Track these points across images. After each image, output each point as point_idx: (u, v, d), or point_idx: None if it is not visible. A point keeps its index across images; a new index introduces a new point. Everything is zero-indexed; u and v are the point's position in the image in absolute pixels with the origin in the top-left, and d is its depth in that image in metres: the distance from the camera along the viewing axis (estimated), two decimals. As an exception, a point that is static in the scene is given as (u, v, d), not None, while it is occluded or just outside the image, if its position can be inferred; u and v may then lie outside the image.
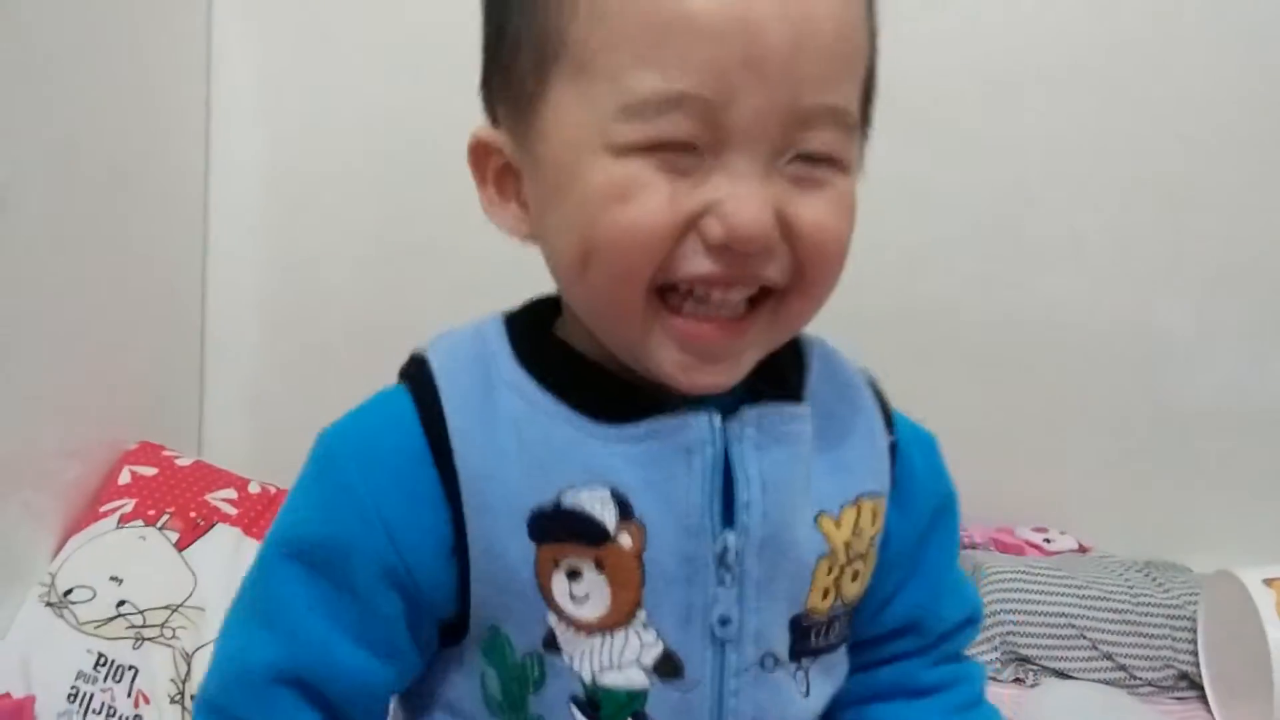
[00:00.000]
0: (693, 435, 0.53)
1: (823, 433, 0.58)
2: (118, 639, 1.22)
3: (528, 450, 0.53)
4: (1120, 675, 1.33)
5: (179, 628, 1.25)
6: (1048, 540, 1.65)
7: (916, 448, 0.63)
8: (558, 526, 0.53)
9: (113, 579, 1.28)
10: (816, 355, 0.62)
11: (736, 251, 0.49)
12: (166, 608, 1.27)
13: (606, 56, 0.49)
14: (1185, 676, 1.34)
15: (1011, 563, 1.47)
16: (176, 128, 1.58)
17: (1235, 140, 1.59)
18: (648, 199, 0.49)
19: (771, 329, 0.54)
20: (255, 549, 1.37)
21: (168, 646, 1.23)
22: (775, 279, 0.52)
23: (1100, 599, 1.38)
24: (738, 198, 0.49)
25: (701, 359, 0.52)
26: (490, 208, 0.57)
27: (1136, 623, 1.36)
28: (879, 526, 0.60)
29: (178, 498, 1.41)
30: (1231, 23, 1.57)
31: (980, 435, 1.67)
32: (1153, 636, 1.35)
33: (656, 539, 0.53)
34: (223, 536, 1.39)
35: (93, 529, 1.34)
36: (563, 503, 0.53)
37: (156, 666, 1.20)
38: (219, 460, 1.58)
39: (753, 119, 0.48)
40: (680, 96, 0.48)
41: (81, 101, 1.30)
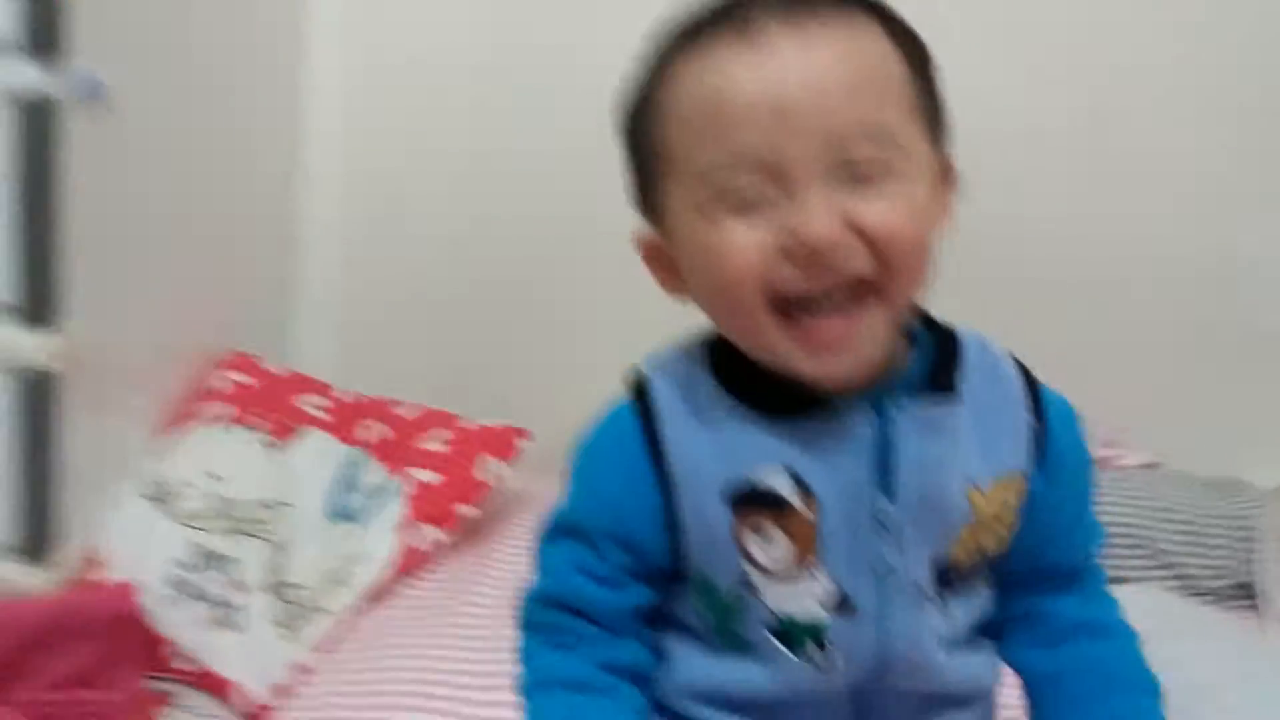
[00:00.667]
0: (853, 426, 0.67)
1: (976, 417, 0.70)
2: (216, 532, 1.30)
3: (724, 443, 0.68)
4: (1179, 584, 1.35)
5: (273, 522, 1.33)
6: (1118, 455, 1.65)
7: (1061, 426, 0.73)
8: (747, 498, 0.68)
9: (211, 476, 1.36)
10: (972, 349, 0.72)
11: (818, 257, 0.61)
12: (261, 504, 1.35)
13: (685, 150, 0.65)
14: (1243, 586, 1.35)
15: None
16: (269, 43, 1.63)
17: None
18: (736, 234, 0.63)
19: (880, 317, 0.64)
20: (343, 451, 1.46)
21: (261, 540, 1.31)
22: (863, 270, 0.62)
23: (1166, 510, 1.39)
24: (805, 211, 0.61)
25: (824, 353, 0.64)
26: (666, 287, 0.72)
27: (1198, 534, 1.37)
28: (1021, 498, 0.71)
29: (270, 402, 1.49)
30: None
31: (1059, 351, 1.66)
32: (1215, 547, 1.36)
33: (826, 505, 0.67)
34: (313, 439, 1.46)
35: (191, 429, 1.42)
36: (751, 478, 0.67)
37: (251, 557, 1.28)
38: (306, 369, 1.66)
39: (801, 159, 0.61)
40: (737, 157, 0.62)
41: (183, 12, 1.35)
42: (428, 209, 1.77)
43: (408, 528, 1.38)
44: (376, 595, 1.32)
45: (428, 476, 1.44)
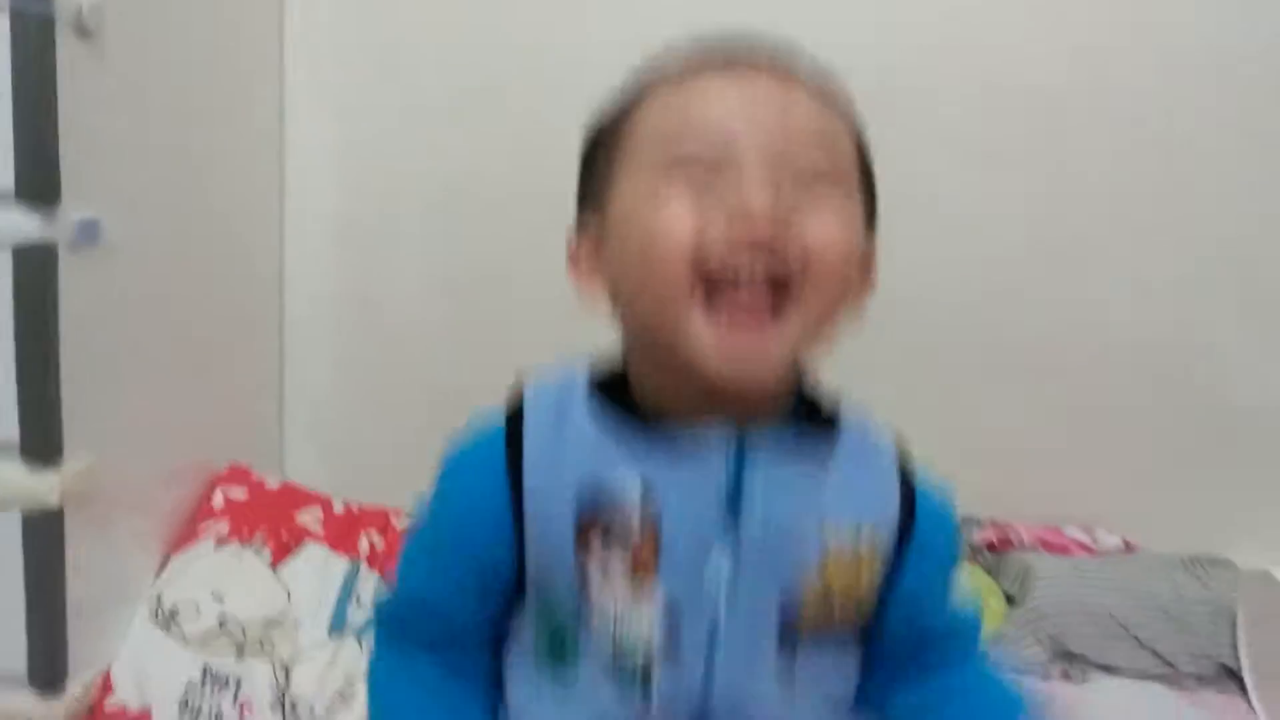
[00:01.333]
0: (711, 447, 0.68)
1: (841, 481, 0.71)
2: (221, 652, 1.32)
3: (584, 453, 0.69)
4: (1165, 670, 1.39)
5: (276, 640, 1.35)
6: (1094, 540, 1.70)
7: (929, 519, 0.75)
8: (593, 500, 0.68)
9: (214, 596, 1.38)
10: (853, 425, 0.74)
11: (751, 230, 0.62)
12: (264, 621, 1.37)
13: (648, 134, 0.68)
14: (1226, 669, 1.40)
15: (1059, 564, 1.53)
16: (251, 170, 1.68)
17: (1270, 144, 1.64)
18: (676, 205, 0.64)
19: (792, 329, 0.64)
20: (342, 564, 1.47)
21: (267, 659, 1.33)
22: (788, 269, 0.63)
23: (1146, 596, 1.44)
24: (749, 188, 0.63)
25: (735, 343, 0.64)
26: (581, 285, 0.73)
27: (1179, 618, 1.42)
28: (877, 576, 0.72)
29: (269, 518, 1.52)
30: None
31: (1027, 439, 1.74)
32: (1195, 632, 1.41)
33: (671, 526, 0.68)
34: (312, 553, 1.49)
35: (192, 550, 1.45)
36: (603, 478, 0.68)
37: (258, 677, 1.30)
38: (300, 479, 1.68)
39: (755, 141, 0.64)
40: (697, 133, 0.65)
41: (164, 139, 1.38)
42: (411, 325, 1.79)
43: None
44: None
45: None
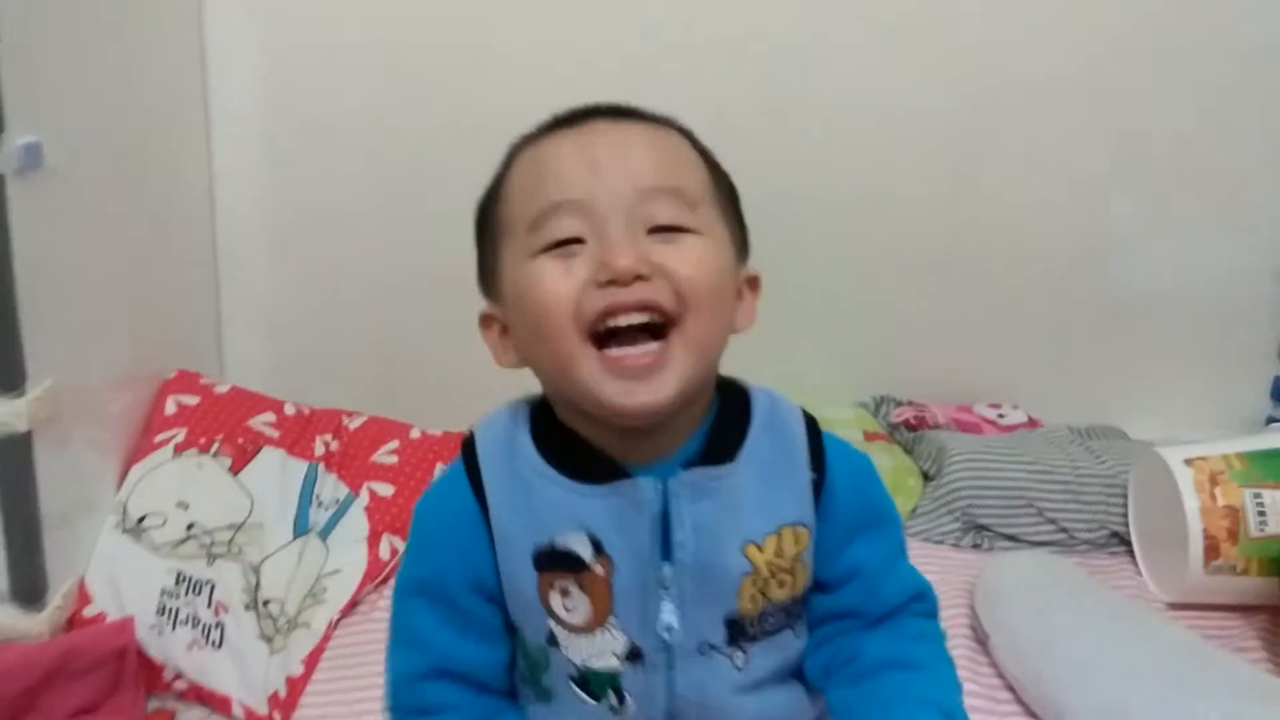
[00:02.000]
0: (643, 495, 0.74)
1: (759, 475, 0.77)
2: (192, 558, 1.39)
3: (533, 505, 0.75)
4: (1062, 536, 1.54)
5: (244, 544, 1.42)
6: (1001, 415, 1.84)
7: (843, 478, 0.80)
8: (551, 560, 0.75)
9: (179, 504, 1.44)
10: (761, 410, 0.79)
11: (622, 280, 0.68)
12: (230, 527, 1.43)
13: (518, 209, 0.74)
14: (1116, 535, 1.55)
15: (970, 442, 1.66)
16: (172, 79, 1.66)
17: (1181, 43, 1.72)
18: (550, 281, 0.70)
19: (681, 352, 0.70)
20: (301, 467, 1.52)
21: (236, 562, 1.40)
22: (663, 301, 0.69)
23: (1047, 471, 1.58)
24: (611, 244, 0.69)
25: (631, 381, 0.69)
26: (498, 358, 0.79)
27: (1077, 492, 1.56)
28: (802, 546, 0.78)
29: (223, 424, 1.56)
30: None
31: (941, 323, 1.85)
32: (1090, 503, 1.56)
33: (620, 567, 0.75)
34: (270, 458, 1.54)
35: (151, 459, 1.49)
36: (555, 543, 0.75)
37: (231, 579, 1.37)
38: (243, 381, 1.71)
39: (609, 204, 0.70)
40: (558, 204, 0.71)
41: (88, 56, 1.37)
42: (345, 212, 1.80)
43: (371, 540, 1.48)
44: (351, 608, 1.41)
45: (382, 489, 1.54)
